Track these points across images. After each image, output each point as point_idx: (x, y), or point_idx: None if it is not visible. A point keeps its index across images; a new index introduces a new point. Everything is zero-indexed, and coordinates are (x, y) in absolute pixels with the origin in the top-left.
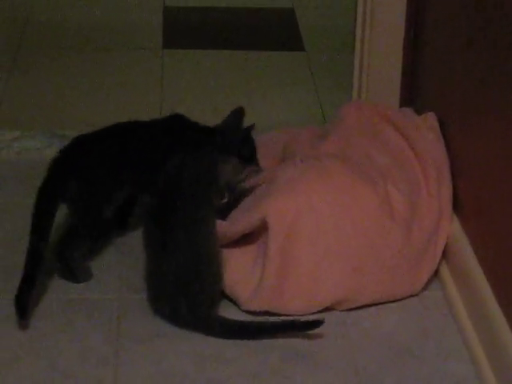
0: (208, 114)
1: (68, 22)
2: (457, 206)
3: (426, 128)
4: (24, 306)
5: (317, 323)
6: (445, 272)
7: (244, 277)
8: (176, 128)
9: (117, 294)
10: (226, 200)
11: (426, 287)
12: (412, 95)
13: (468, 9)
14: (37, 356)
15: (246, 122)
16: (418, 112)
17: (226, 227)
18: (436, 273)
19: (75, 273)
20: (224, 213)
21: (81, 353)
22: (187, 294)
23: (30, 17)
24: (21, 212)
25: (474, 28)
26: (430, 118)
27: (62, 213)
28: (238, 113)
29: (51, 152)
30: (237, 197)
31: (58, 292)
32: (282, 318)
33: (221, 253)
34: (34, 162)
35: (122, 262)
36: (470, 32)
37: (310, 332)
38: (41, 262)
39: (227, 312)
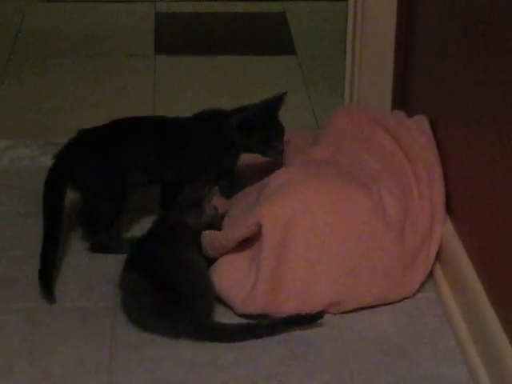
0: None
1: (60, 29)
2: (450, 207)
3: (417, 131)
4: (47, 283)
5: (317, 316)
6: (438, 274)
7: (239, 281)
8: (187, 118)
9: (111, 302)
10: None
11: (419, 289)
12: (403, 98)
13: (459, 12)
14: (31, 364)
15: None
16: (410, 115)
17: (223, 237)
18: (430, 275)
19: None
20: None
21: (75, 360)
22: (190, 308)
23: (21, 24)
24: (14, 220)
25: (465, 32)
26: (422, 121)
27: None
28: (275, 99)
29: (45, 160)
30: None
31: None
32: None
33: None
34: (27, 171)
35: (117, 270)
36: (460, 36)
37: (305, 335)
38: (56, 246)
39: (223, 316)
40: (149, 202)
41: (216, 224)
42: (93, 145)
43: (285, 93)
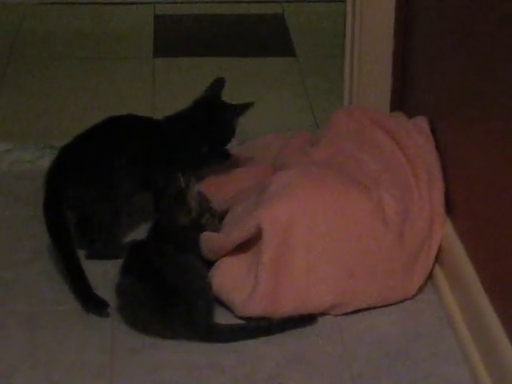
0: None
1: (59, 32)
2: (450, 208)
3: (416, 132)
4: (98, 304)
5: (312, 319)
6: (439, 275)
7: (239, 283)
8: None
9: (112, 305)
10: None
11: (419, 291)
12: (403, 99)
13: (458, 14)
14: (32, 367)
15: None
16: (409, 116)
17: (222, 239)
18: (430, 276)
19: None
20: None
21: (76, 364)
22: (190, 309)
23: (20, 27)
24: (14, 223)
25: (463, 32)
26: (421, 122)
27: None
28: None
29: (44, 163)
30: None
31: (53, 303)
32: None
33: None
34: (26, 174)
35: (117, 274)
36: (459, 37)
37: (305, 337)
38: (79, 264)
39: (223, 318)
40: (148, 204)
41: (210, 211)
42: (80, 161)
43: (222, 78)
